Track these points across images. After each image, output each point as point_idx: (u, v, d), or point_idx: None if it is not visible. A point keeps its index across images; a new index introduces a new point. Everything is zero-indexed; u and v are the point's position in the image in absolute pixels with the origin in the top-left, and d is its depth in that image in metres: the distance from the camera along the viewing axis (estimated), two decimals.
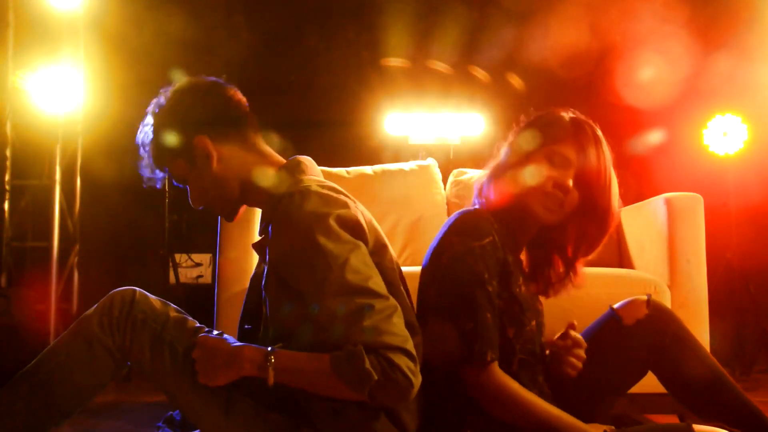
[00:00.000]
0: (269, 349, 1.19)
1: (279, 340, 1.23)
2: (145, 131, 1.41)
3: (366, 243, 1.25)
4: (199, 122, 1.36)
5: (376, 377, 1.13)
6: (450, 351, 1.30)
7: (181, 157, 1.37)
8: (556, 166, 1.39)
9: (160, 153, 1.39)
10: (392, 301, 1.21)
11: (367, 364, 1.12)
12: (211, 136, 1.35)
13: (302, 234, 1.20)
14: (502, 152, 1.49)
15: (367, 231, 1.27)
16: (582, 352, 1.42)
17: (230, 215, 1.42)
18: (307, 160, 1.39)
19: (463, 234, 1.36)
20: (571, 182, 1.39)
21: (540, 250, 1.50)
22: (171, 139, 1.37)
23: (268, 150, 1.40)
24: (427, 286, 1.43)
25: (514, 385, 1.29)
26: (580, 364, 1.42)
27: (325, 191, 1.26)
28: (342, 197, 1.27)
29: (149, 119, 1.41)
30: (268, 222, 1.30)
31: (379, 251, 1.29)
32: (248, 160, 1.37)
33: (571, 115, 1.46)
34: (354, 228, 1.24)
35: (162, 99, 1.40)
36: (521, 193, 1.40)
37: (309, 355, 1.18)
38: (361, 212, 1.29)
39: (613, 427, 1.35)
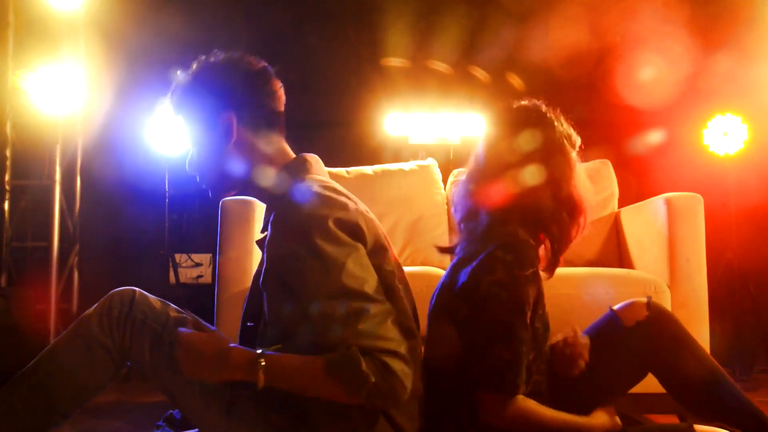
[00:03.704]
0: (259, 351, 1.18)
1: (276, 338, 1.22)
2: (193, 72, 1.37)
3: (365, 245, 1.25)
4: (236, 101, 1.34)
5: (373, 380, 1.12)
6: (473, 372, 1.29)
7: (201, 120, 1.35)
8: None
9: (186, 102, 1.37)
10: (387, 305, 1.21)
11: (364, 367, 1.12)
12: (239, 118, 1.33)
13: (301, 235, 1.20)
14: (487, 153, 1.46)
15: (366, 233, 1.26)
16: (586, 354, 1.43)
17: (218, 194, 1.41)
18: (312, 159, 1.39)
19: (509, 262, 1.31)
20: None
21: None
22: (202, 99, 1.35)
23: (286, 148, 1.40)
24: (457, 301, 1.38)
25: (533, 408, 1.30)
26: (583, 365, 1.42)
27: (326, 192, 1.26)
28: (342, 198, 1.27)
29: (202, 63, 1.37)
30: (270, 216, 1.31)
31: (377, 253, 1.28)
32: (263, 153, 1.35)
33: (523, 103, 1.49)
34: (353, 230, 1.23)
35: (219, 58, 1.37)
36: (536, 193, 1.39)
37: (302, 358, 1.17)
38: (362, 213, 1.28)
39: (612, 408, 1.39)
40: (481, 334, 1.30)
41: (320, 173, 1.38)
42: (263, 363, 1.16)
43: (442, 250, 1.51)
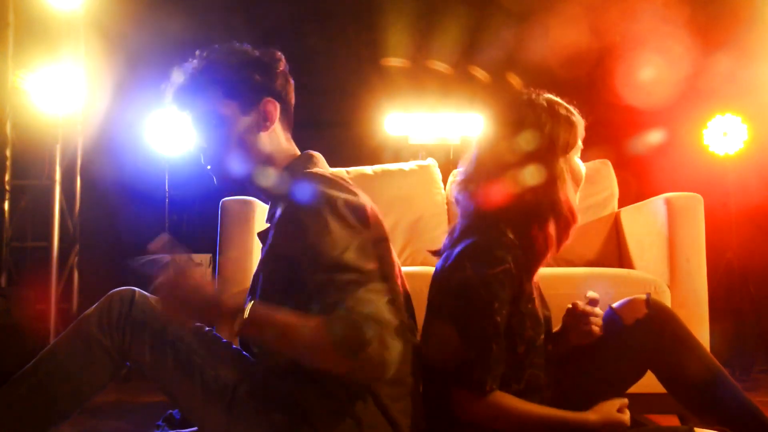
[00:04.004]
0: (250, 303, 1.16)
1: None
2: (227, 50, 1.38)
3: (369, 232, 1.27)
4: (282, 89, 1.39)
5: (372, 344, 1.10)
6: (450, 369, 1.29)
7: (240, 100, 1.36)
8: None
9: (225, 79, 1.35)
10: (385, 286, 1.21)
11: (367, 332, 1.10)
12: (281, 108, 1.38)
13: (313, 211, 1.22)
14: (478, 154, 1.46)
15: (371, 221, 1.28)
16: (596, 310, 1.44)
17: (223, 179, 1.41)
18: (317, 155, 1.42)
19: (476, 260, 1.31)
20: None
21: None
22: (252, 79, 1.35)
23: (294, 145, 1.44)
24: (437, 297, 1.41)
25: (508, 404, 1.29)
26: (599, 322, 1.43)
27: (336, 178, 1.29)
28: (351, 187, 1.30)
29: (240, 47, 1.38)
30: (276, 207, 1.33)
31: (380, 243, 1.30)
32: (280, 145, 1.40)
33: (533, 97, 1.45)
34: (361, 215, 1.25)
35: (253, 49, 1.39)
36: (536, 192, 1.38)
37: (297, 315, 1.16)
38: (369, 205, 1.31)
39: (626, 400, 1.37)
40: (451, 332, 1.30)
41: (325, 168, 1.41)
42: (246, 314, 1.14)
43: (434, 253, 1.51)
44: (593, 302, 1.45)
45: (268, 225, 1.40)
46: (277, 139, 1.39)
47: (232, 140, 1.36)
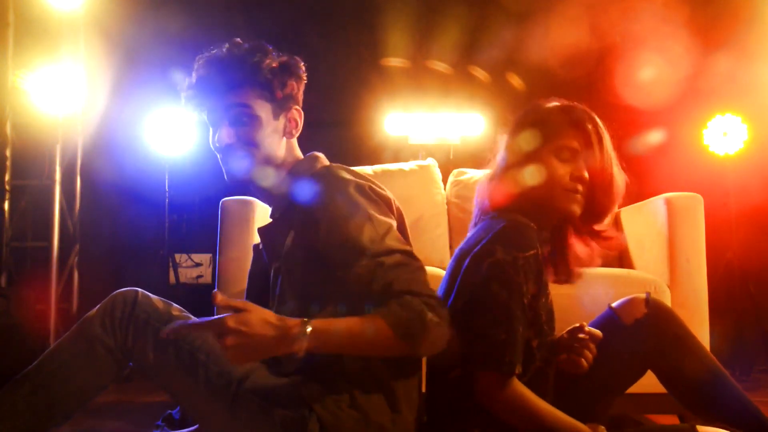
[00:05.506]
0: (305, 319, 1.15)
1: (314, 309, 1.25)
2: (267, 51, 1.37)
3: (395, 219, 1.32)
4: (302, 98, 1.43)
5: (437, 320, 1.14)
6: (469, 355, 1.29)
7: (274, 104, 1.36)
8: (567, 160, 1.40)
9: (265, 81, 1.34)
10: (422, 263, 1.25)
11: (429, 316, 1.13)
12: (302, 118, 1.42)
13: (346, 199, 1.25)
14: (500, 158, 1.48)
15: (395, 211, 1.33)
16: (593, 347, 1.43)
17: (234, 176, 1.38)
18: (322, 156, 1.45)
19: (508, 244, 1.32)
20: (585, 172, 1.40)
21: (557, 242, 1.51)
22: (289, 85, 1.37)
23: (301, 153, 1.46)
24: (459, 286, 1.40)
25: (528, 395, 1.29)
26: (590, 358, 1.42)
27: (355, 170, 1.34)
28: (372, 178, 1.35)
29: (270, 48, 1.39)
30: (288, 204, 1.35)
31: (403, 234, 1.33)
32: (293, 153, 1.42)
33: (557, 103, 1.47)
34: (386, 201, 1.31)
35: (289, 56, 1.41)
36: (537, 193, 1.40)
37: (351, 320, 1.15)
38: (392, 196, 1.36)
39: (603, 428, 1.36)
40: (480, 315, 1.30)
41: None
42: (309, 329, 1.12)
43: None
44: (594, 338, 1.44)
45: (268, 222, 1.41)
46: (293, 146, 1.42)
47: (256, 141, 1.35)
